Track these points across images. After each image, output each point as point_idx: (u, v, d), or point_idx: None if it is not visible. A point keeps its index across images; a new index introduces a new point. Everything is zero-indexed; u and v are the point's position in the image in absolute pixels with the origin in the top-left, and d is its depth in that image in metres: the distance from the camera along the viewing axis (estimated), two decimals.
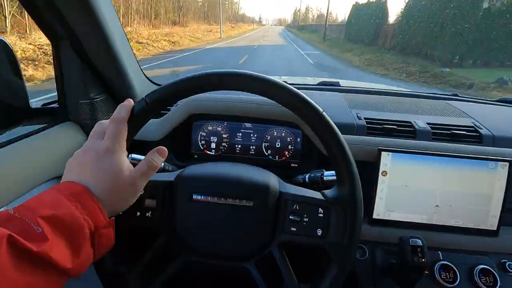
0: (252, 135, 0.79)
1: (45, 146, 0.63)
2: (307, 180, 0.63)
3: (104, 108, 0.76)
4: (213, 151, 0.79)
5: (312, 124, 0.43)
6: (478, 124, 0.75)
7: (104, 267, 0.46)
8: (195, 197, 0.48)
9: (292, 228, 0.47)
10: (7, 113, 0.58)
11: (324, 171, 0.61)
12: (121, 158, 0.38)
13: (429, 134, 0.71)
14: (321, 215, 0.46)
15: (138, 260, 0.47)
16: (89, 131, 0.41)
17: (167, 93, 0.42)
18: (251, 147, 0.79)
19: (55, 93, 0.73)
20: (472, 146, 0.67)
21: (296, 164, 0.78)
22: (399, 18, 14.02)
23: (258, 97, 0.46)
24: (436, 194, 0.62)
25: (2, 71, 0.55)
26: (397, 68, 9.93)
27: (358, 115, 0.76)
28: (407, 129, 0.72)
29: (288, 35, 35.97)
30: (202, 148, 0.80)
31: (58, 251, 0.30)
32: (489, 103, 1.01)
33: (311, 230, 0.47)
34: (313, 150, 0.73)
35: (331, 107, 0.80)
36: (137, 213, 0.47)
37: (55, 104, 0.73)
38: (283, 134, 0.78)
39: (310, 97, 0.43)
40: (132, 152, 0.58)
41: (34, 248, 0.28)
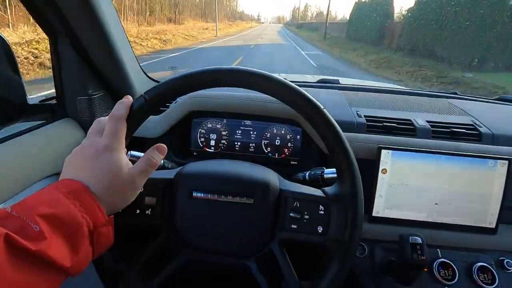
0: (252, 133, 0.78)
1: (43, 143, 0.62)
2: (307, 178, 0.63)
3: (103, 105, 0.76)
4: (213, 149, 0.79)
5: (313, 121, 0.43)
6: (478, 123, 0.75)
7: (104, 265, 0.45)
8: (195, 195, 0.47)
9: (293, 226, 0.47)
10: (5, 110, 0.57)
11: (325, 169, 0.61)
12: (120, 156, 0.38)
13: (429, 132, 0.71)
14: (322, 212, 0.46)
15: (138, 258, 0.47)
16: (88, 128, 0.41)
17: (166, 90, 0.42)
18: (251, 145, 0.79)
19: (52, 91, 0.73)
20: (472, 144, 0.67)
21: (296, 162, 0.78)
22: (407, 16, 12.73)
23: (258, 94, 0.45)
24: (436, 192, 0.62)
25: (0, 67, 0.55)
26: (409, 72, 8.85)
27: (358, 113, 0.76)
28: (407, 127, 0.72)
29: (287, 34, 35.03)
30: (202, 146, 0.79)
31: (57, 250, 0.30)
32: (489, 102, 1.02)
33: (312, 227, 0.47)
34: (313, 148, 0.73)
35: (331, 105, 0.80)
36: (137, 211, 0.47)
37: (53, 101, 0.73)
38: (283, 132, 0.78)
39: (310, 95, 0.43)
40: (131, 149, 0.57)
41: (32, 247, 0.28)
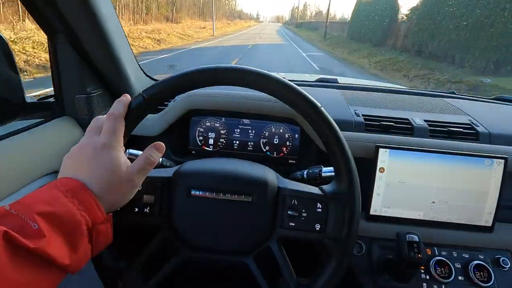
0: (250, 131, 0.78)
1: (42, 141, 0.62)
2: (305, 176, 0.63)
3: (101, 103, 0.76)
4: (211, 147, 0.79)
5: (311, 120, 0.43)
6: (475, 122, 0.75)
7: (103, 263, 0.45)
8: (194, 193, 0.47)
9: (291, 223, 0.47)
10: (3, 108, 0.57)
11: (322, 167, 0.61)
12: (119, 154, 0.38)
13: (426, 131, 0.71)
14: (320, 210, 0.47)
15: (137, 256, 0.47)
16: (86, 126, 0.41)
17: (165, 88, 0.42)
18: (249, 143, 0.79)
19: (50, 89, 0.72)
20: (469, 143, 0.68)
21: (294, 161, 0.79)
22: (414, 15, 11.71)
23: (257, 93, 0.46)
24: (433, 191, 0.63)
25: None
26: (419, 76, 7.95)
27: (356, 112, 0.76)
28: (405, 126, 0.72)
29: (286, 33, 34.28)
30: (200, 144, 0.79)
31: (55, 248, 0.30)
32: (486, 101, 1.02)
33: (310, 225, 0.47)
34: (311, 147, 0.73)
35: (330, 104, 0.80)
36: (135, 209, 0.47)
37: (51, 99, 0.73)
38: (281, 130, 0.78)
39: (309, 94, 0.43)
40: (130, 148, 0.58)
41: (31, 245, 0.28)
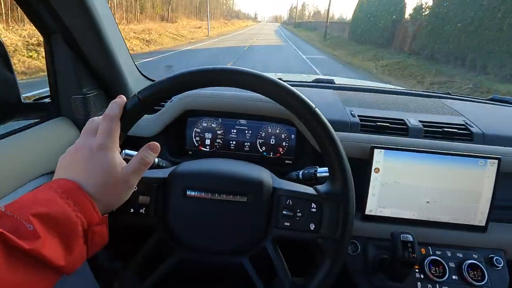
0: (247, 132, 0.79)
1: (37, 142, 0.62)
2: (301, 177, 0.63)
3: (98, 104, 0.75)
4: (208, 148, 0.79)
5: (305, 121, 0.44)
6: (469, 123, 0.76)
7: (98, 264, 0.46)
8: (189, 193, 0.48)
9: (286, 223, 0.48)
10: None
11: (318, 168, 0.62)
12: (114, 155, 0.38)
13: (421, 132, 0.72)
14: (314, 210, 0.47)
15: (133, 257, 0.48)
16: (82, 127, 0.41)
17: (160, 90, 0.42)
18: (246, 144, 0.79)
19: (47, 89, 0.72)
20: (463, 144, 0.69)
21: (290, 161, 0.79)
22: (427, 14, 10.61)
23: (253, 94, 0.46)
24: (427, 191, 0.63)
25: None
26: (436, 83, 7.01)
27: (352, 113, 0.76)
28: (400, 127, 0.73)
29: (285, 33, 33.13)
30: (197, 145, 0.80)
31: (51, 249, 0.30)
32: (481, 102, 1.03)
33: (304, 225, 0.47)
34: (307, 147, 0.74)
35: (326, 104, 0.81)
36: (131, 210, 0.47)
37: (47, 99, 0.73)
38: (278, 131, 0.78)
39: (305, 95, 0.44)
40: (126, 148, 0.58)
41: (26, 246, 0.28)
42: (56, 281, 0.33)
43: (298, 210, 0.47)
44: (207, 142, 0.79)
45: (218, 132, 0.79)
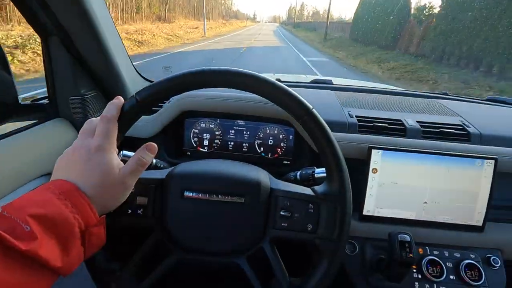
0: (245, 133, 0.79)
1: (35, 143, 0.62)
2: (299, 177, 0.64)
3: (96, 105, 0.75)
4: (206, 148, 0.79)
5: (302, 122, 0.44)
6: (467, 123, 0.76)
7: (96, 265, 0.45)
8: (187, 194, 0.48)
9: (283, 224, 0.48)
10: None
11: (315, 168, 0.62)
12: (112, 156, 0.38)
13: (419, 132, 0.72)
14: (312, 211, 0.47)
15: (130, 258, 0.48)
16: (80, 128, 0.41)
17: (158, 91, 0.42)
18: (244, 145, 0.79)
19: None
20: (460, 144, 0.69)
21: (289, 162, 0.79)
22: (435, 13, 10.02)
23: (251, 95, 0.46)
24: (425, 191, 0.63)
25: None
26: (453, 89, 6.09)
27: (350, 113, 0.77)
28: (398, 127, 0.73)
29: (284, 34, 32.29)
30: (195, 145, 0.80)
31: (48, 250, 0.30)
32: (478, 102, 1.03)
33: (302, 226, 0.47)
34: (305, 148, 0.74)
35: (324, 105, 0.81)
36: (129, 211, 0.47)
37: (45, 100, 0.72)
38: (276, 132, 0.78)
39: (303, 95, 0.44)
40: (124, 149, 0.58)
41: (23, 247, 0.28)
42: (53, 282, 0.33)
43: (296, 211, 0.48)
44: (205, 143, 0.79)
45: (216, 133, 0.79)
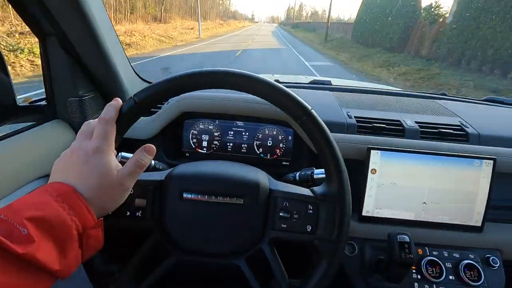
0: (244, 134, 0.79)
1: (33, 144, 0.61)
2: (298, 178, 0.64)
3: (94, 106, 0.75)
4: (205, 149, 0.79)
5: (301, 123, 0.44)
6: (465, 123, 0.76)
7: (94, 267, 0.45)
8: (185, 196, 0.48)
9: (282, 225, 0.48)
10: None
11: (314, 169, 0.62)
12: (110, 158, 0.38)
13: (418, 133, 0.72)
14: (311, 212, 0.47)
15: (129, 260, 0.47)
16: (78, 129, 0.41)
17: (157, 92, 0.42)
18: (243, 146, 0.79)
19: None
20: (459, 145, 0.69)
21: (288, 163, 0.79)
22: (454, 11, 8.79)
23: (250, 96, 0.46)
24: (424, 192, 0.64)
25: None
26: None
27: (349, 114, 0.77)
28: (396, 128, 0.73)
29: (283, 34, 31.47)
30: (194, 147, 0.79)
31: (45, 253, 0.30)
32: (477, 103, 1.04)
33: (301, 227, 0.47)
34: (304, 149, 0.74)
35: (322, 106, 0.81)
36: (127, 213, 0.47)
37: (43, 102, 0.72)
38: (275, 133, 0.78)
39: (302, 96, 0.44)
40: (122, 151, 0.57)
41: (20, 250, 0.28)
42: (51, 285, 0.32)
43: (295, 212, 0.47)
44: (204, 144, 0.79)
45: (215, 134, 0.79)
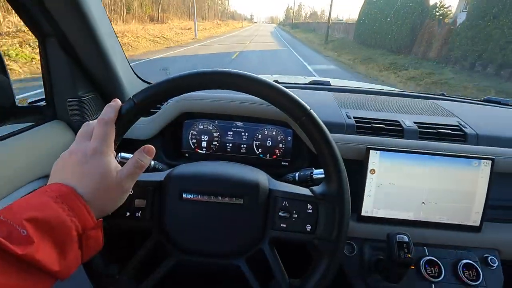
0: (243, 134, 0.79)
1: (32, 145, 0.61)
2: (297, 178, 0.64)
3: (93, 107, 0.75)
4: (204, 150, 0.79)
5: (300, 123, 0.44)
6: (463, 123, 0.76)
7: (94, 268, 0.45)
8: (185, 196, 0.48)
9: (282, 225, 0.48)
10: None
11: (314, 169, 0.62)
12: (109, 159, 0.38)
13: (416, 133, 0.72)
14: (310, 211, 0.47)
15: (128, 260, 0.47)
16: (77, 130, 0.41)
17: (156, 93, 0.42)
18: (242, 146, 0.79)
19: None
20: (457, 145, 0.69)
21: (287, 163, 0.79)
22: (469, 11, 8.11)
23: (249, 96, 0.46)
24: (422, 192, 0.64)
25: None
26: None
27: (348, 114, 0.77)
28: (395, 128, 0.73)
29: (282, 35, 30.43)
30: (193, 147, 0.80)
31: (45, 254, 0.30)
32: (475, 103, 1.04)
33: (301, 226, 0.47)
34: (304, 149, 0.74)
35: (322, 106, 0.81)
36: (127, 214, 0.47)
37: (42, 102, 0.72)
38: (274, 133, 0.78)
39: (301, 96, 0.44)
40: (121, 151, 0.57)
41: (19, 251, 0.28)
42: (51, 286, 0.32)
43: (294, 212, 0.48)
44: (204, 145, 0.79)
45: (215, 134, 0.79)
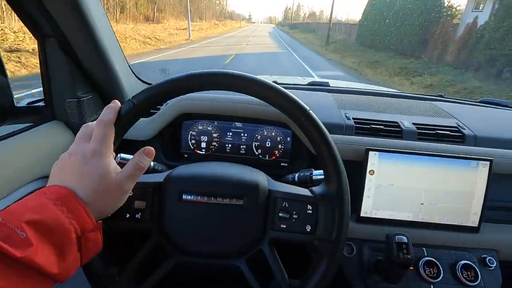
0: (243, 135, 0.79)
1: (31, 146, 0.61)
2: (297, 179, 0.64)
3: (93, 107, 0.75)
4: (203, 151, 0.79)
5: (300, 123, 0.44)
6: (462, 125, 0.77)
7: (93, 270, 0.45)
8: (185, 197, 0.48)
9: (282, 225, 0.48)
10: None
11: (313, 170, 0.62)
12: (108, 161, 0.38)
13: (415, 134, 0.72)
14: (310, 212, 0.47)
15: (128, 262, 0.47)
16: (76, 131, 0.40)
17: (155, 94, 0.42)
18: (242, 147, 0.79)
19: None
20: (456, 146, 0.69)
21: (286, 164, 0.79)
22: (495, 12, 7.36)
23: (248, 97, 0.46)
24: (421, 193, 0.64)
25: None
26: None
27: (347, 115, 0.77)
28: (394, 129, 0.73)
29: (281, 36, 29.30)
30: (192, 148, 0.79)
31: (43, 256, 0.30)
32: (473, 104, 1.05)
33: (301, 227, 0.47)
34: (303, 150, 0.74)
35: (321, 107, 0.81)
36: (127, 215, 0.47)
37: (41, 103, 0.72)
38: (273, 134, 0.78)
39: (300, 97, 0.44)
40: (121, 152, 0.57)
41: (18, 254, 0.28)
42: None
43: (294, 212, 0.48)
44: (203, 145, 0.79)
45: (214, 135, 0.79)
